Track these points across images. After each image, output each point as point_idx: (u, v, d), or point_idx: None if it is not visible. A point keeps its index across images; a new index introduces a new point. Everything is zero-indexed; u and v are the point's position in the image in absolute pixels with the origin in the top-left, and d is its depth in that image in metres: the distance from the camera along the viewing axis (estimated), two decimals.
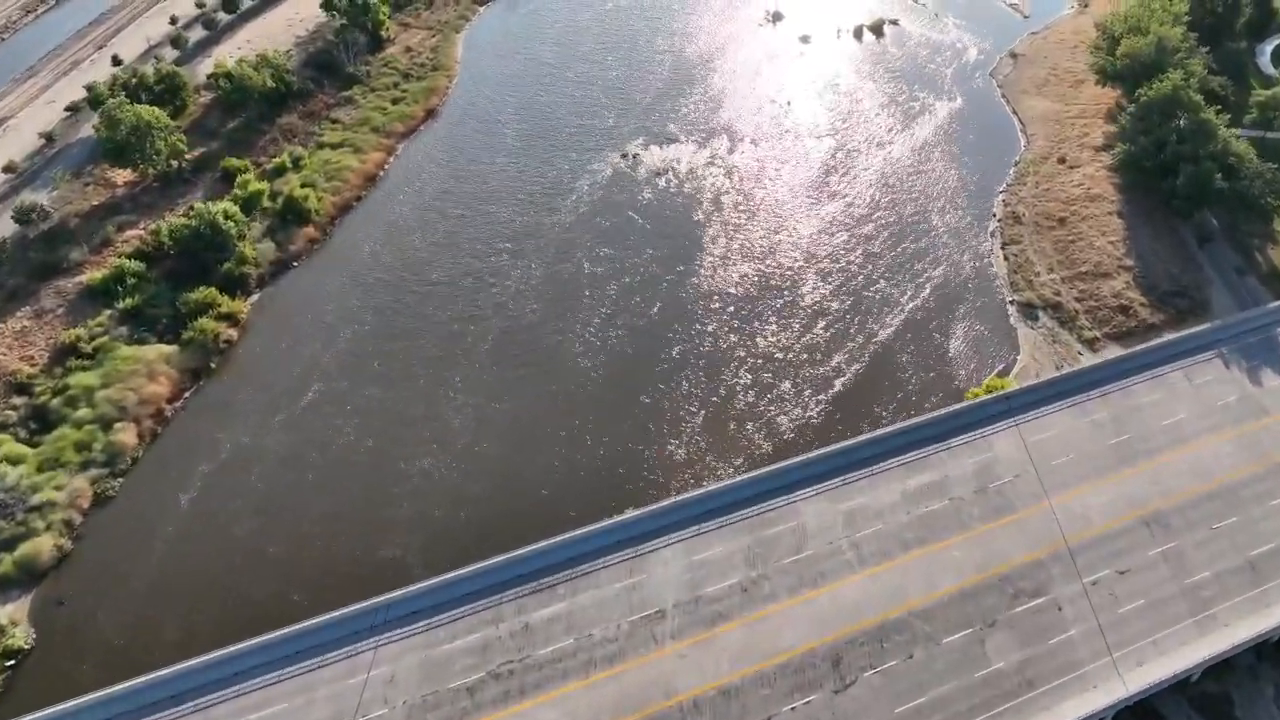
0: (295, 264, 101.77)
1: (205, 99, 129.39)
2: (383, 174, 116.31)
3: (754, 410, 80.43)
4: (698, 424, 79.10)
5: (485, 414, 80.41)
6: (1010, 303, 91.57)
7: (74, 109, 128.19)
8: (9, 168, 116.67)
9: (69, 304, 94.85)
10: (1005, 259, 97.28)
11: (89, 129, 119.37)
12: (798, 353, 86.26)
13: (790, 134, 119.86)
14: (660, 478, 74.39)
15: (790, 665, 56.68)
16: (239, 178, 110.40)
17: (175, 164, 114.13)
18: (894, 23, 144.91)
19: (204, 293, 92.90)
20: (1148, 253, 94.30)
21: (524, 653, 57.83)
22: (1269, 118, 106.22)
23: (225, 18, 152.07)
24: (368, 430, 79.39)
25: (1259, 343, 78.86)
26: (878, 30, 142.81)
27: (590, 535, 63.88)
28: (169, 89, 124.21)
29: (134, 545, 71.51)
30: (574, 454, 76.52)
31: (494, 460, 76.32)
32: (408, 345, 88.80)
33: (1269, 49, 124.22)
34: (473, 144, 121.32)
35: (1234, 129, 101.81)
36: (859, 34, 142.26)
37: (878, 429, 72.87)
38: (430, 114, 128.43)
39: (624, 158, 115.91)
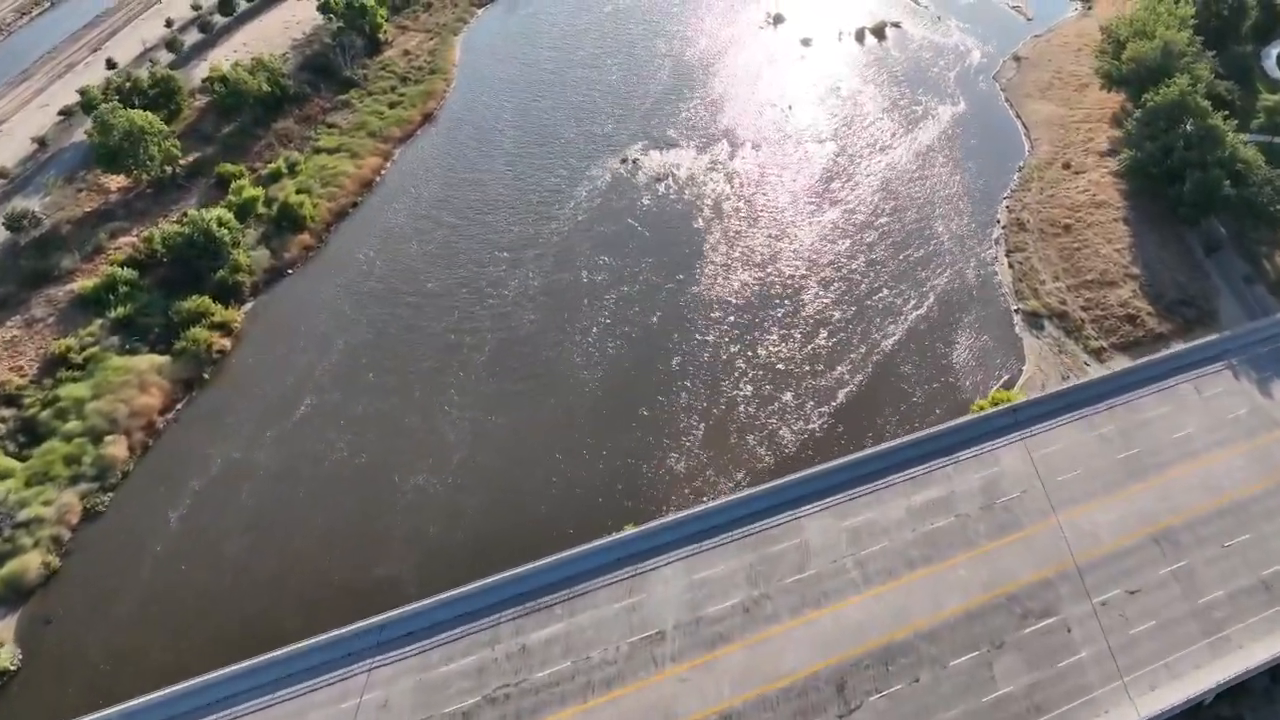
0: (290, 271, 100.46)
1: (200, 103, 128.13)
2: (379, 180, 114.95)
3: (755, 422, 79.01)
4: (698, 437, 77.64)
5: (482, 427, 78.92)
6: (1015, 311, 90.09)
7: (67, 113, 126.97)
8: (1, 173, 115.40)
9: (60, 313, 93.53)
10: (1010, 267, 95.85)
11: (82, 134, 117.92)
12: (799, 363, 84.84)
13: (791, 139, 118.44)
14: (660, 493, 72.92)
15: (793, 689, 55.30)
16: (233, 183, 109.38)
17: (169, 170, 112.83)
18: (896, 25, 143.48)
19: (197, 301, 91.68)
20: (1154, 261, 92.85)
21: (520, 676, 56.50)
22: (1277, 122, 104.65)
23: (221, 20, 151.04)
24: (361, 445, 77.92)
25: (1269, 353, 77.27)
26: (879, 33, 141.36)
27: (589, 553, 62.51)
28: (163, 93, 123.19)
29: (123, 563, 70.06)
30: (572, 468, 75.04)
31: (490, 475, 74.81)
32: (403, 356, 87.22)
33: (1275, 52, 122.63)
34: (470, 149, 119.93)
35: (1241, 134, 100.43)
36: (860, 37, 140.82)
37: (882, 443, 71.39)
38: (428, 118, 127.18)
39: (623, 163, 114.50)
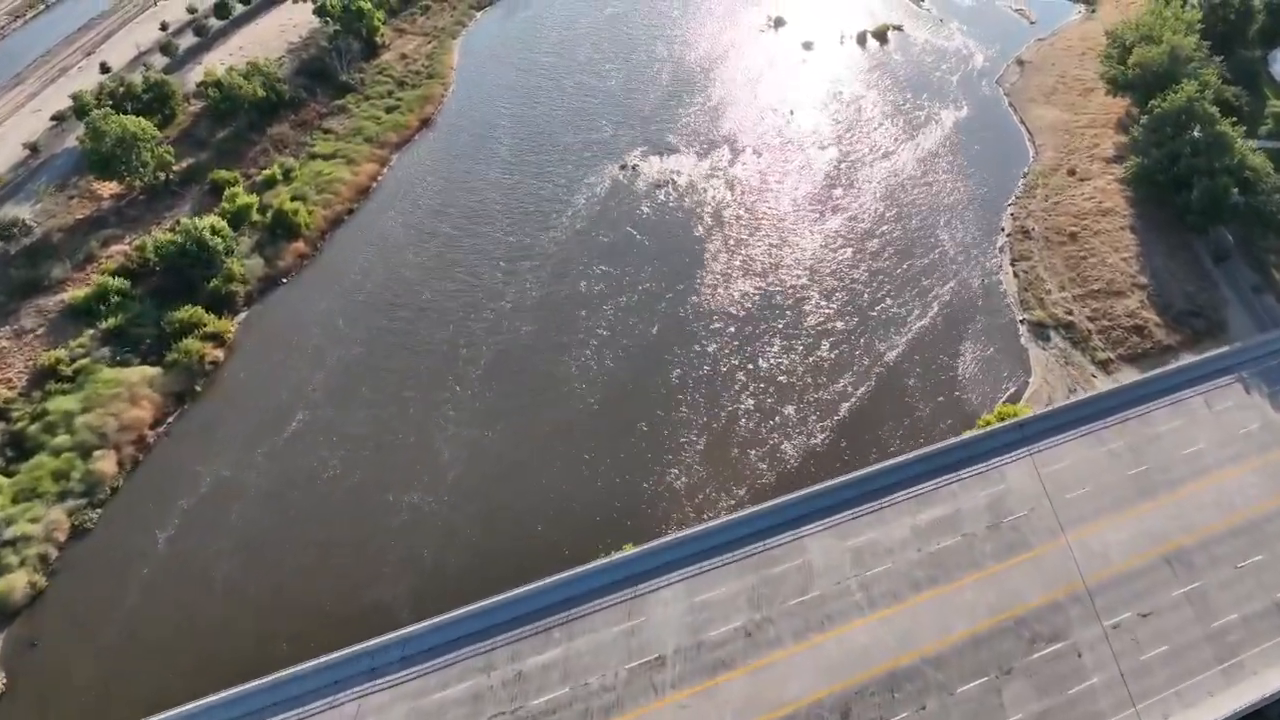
0: (284, 280, 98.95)
1: (195, 108, 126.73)
2: (375, 186, 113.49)
3: (757, 437, 77.52)
4: (698, 452, 76.10)
5: (478, 444, 77.31)
6: (1021, 322, 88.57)
7: (60, 118, 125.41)
8: None
9: (50, 323, 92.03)
10: (1015, 276, 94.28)
11: (74, 139, 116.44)
12: (801, 375, 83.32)
13: (793, 144, 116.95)
14: (660, 510, 71.39)
15: (797, 717, 53.86)
16: (227, 191, 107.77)
17: (162, 176, 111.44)
18: (898, 28, 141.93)
19: (190, 312, 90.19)
20: (1162, 270, 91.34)
21: (517, 703, 55.02)
22: None
23: (217, 24, 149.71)
24: (354, 462, 76.32)
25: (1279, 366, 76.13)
26: (881, 36, 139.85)
27: (587, 574, 60.99)
28: (157, 98, 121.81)
29: (111, 584, 68.49)
30: (570, 486, 73.46)
31: (486, 493, 73.24)
32: (398, 370, 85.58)
33: None
34: (468, 155, 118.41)
35: (1249, 141, 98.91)
36: (862, 40, 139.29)
37: (886, 458, 69.93)
38: (425, 123, 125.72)
39: (622, 169, 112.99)
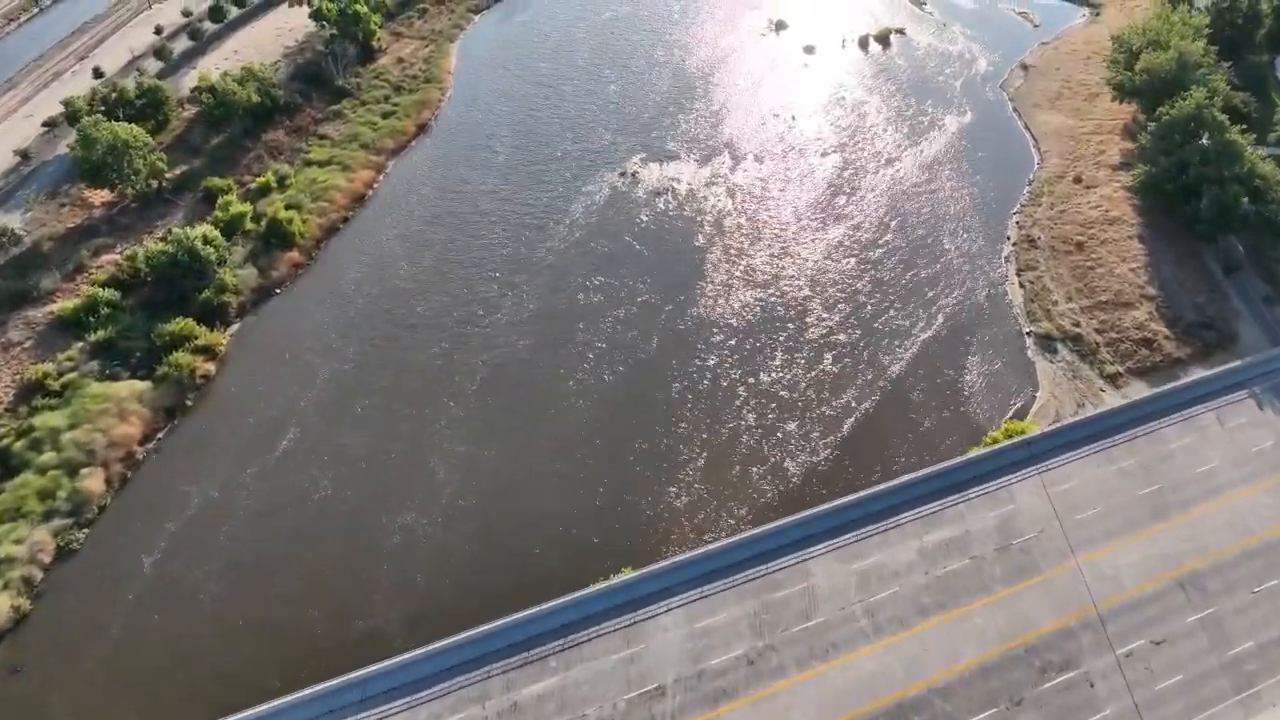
0: (278, 291, 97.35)
1: (189, 113, 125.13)
2: (371, 193, 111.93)
3: (759, 454, 75.83)
4: (699, 470, 74.38)
5: (473, 461, 75.60)
6: (1027, 334, 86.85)
7: (52, 124, 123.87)
8: None
9: (38, 336, 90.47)
10: (1021, 286, 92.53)
11: (65, 147, 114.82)
12: (804, 390, 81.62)
13: (794, 150, 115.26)
14: (659, 531, 69.68)
15: None
16: (221, 199, 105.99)
17: (155, 184, 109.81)
18: (900, 32, 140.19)
19: (181, 324, 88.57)
20: (1171, 281, 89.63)
21: None
22: None
23: (212, 28, 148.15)
24: (347, 481, 74.59)
25: None
26: (884, 40, 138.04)
27: (584, 600, 59.78)
28: (150, 104, 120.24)
29: (96, 608, 66.72)
30: (567, 505, 71.67)
31: (481, 514, 71.49)
32: (391, 385, 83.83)
33: None
34: (464, 162, 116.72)
35: (1259, 148, 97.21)
36: (864, 44, 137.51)
37: (891, 477, 68.51)
38: (422, 129, 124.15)
39: (622, 176, 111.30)
